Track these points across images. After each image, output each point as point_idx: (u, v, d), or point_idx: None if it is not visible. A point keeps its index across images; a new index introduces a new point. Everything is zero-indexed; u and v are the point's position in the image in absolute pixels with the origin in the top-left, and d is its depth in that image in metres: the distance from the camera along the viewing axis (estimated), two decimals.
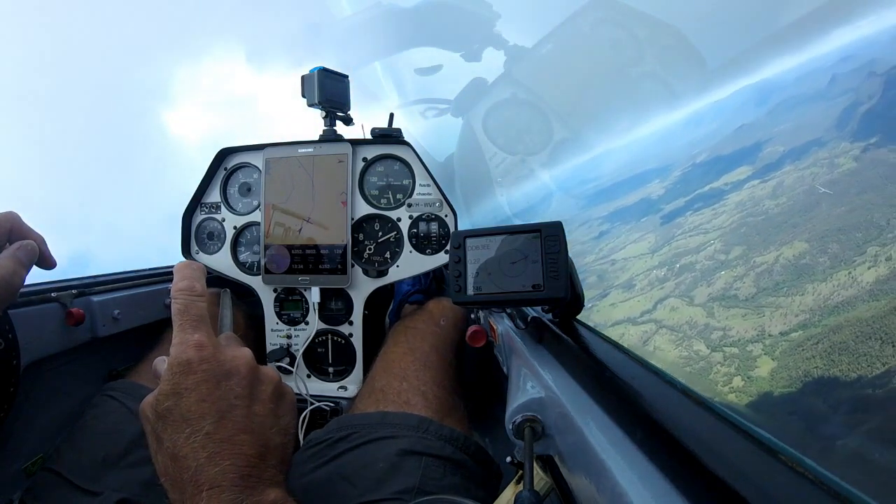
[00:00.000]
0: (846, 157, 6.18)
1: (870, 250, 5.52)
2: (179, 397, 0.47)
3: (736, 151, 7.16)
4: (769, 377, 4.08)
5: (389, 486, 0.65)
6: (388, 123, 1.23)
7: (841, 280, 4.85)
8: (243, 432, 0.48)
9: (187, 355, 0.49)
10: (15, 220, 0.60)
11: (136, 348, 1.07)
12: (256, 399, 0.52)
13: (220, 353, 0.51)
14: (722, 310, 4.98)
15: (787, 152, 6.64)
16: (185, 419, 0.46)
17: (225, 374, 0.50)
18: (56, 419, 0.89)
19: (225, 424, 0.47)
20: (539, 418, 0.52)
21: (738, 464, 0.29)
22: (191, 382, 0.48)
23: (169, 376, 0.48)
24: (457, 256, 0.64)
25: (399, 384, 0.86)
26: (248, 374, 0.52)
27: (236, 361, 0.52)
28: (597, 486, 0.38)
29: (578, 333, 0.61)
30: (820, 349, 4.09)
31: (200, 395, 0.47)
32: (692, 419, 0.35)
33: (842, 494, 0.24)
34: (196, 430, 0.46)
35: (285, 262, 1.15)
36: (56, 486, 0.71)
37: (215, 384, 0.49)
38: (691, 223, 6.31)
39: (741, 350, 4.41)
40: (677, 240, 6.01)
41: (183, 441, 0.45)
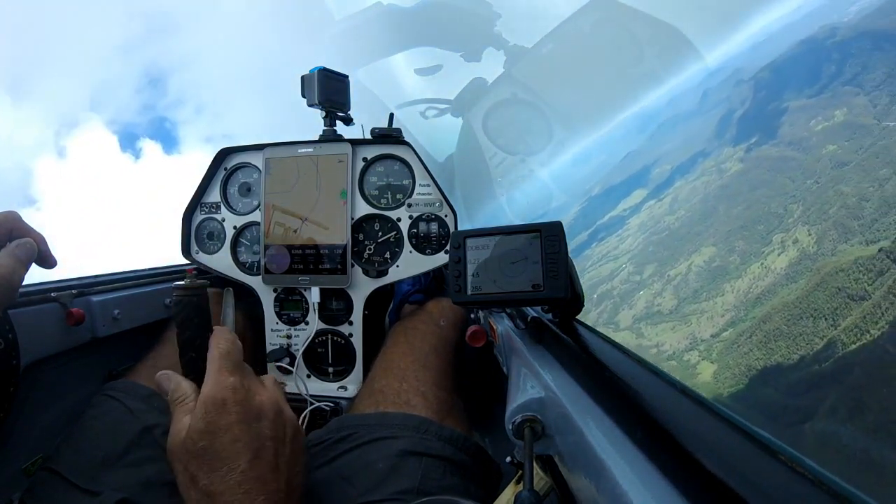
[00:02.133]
0: (732, 160, 6.36)
1: (775, 238, 5.70)
2: (214, 437, 0.50)
3: (628, 178, 7.45)
4: (713, 380, 4.10)
5: (389, 486, 0.65)
6: (388, 123, 1.23)
7: (756, 272, 4.93)
8: (273, 471, 0.52)
9: (223, 395, 0.53)
10: (15, 219, 0.60)
11: (136, 348, 1.06)
12: (282, 441, 0.56)
13: (251, 397, 0.55)
14: (650, 328, 5.05)
15: (675, 168, 6.91)
16: (220, 458, 0.49)
17: (256, 416, 0.54)
18: (56, 419, 0.89)
19: (258, 463, 0.51)
20: (539, 418, 0.52)
21: (738, 464, 0.29)
22: (224, 423, 0.51)
23: (203, 414, 0.51)
24: (457, 256, 0.64)
25: (399, 384, 0.86)
26: (275, 417, 0.56)
27: (265, 405, 0.56)
28: (597, 486, 0.38)
29: (578, 333, 0.61)
30: (755, 341, 4.13)
31: (234, 435, 0.51)
32: (692, 419, 0.35)
33: (842, 494, 0.24)
34: (232, 468, 0.49)
35: (285, 262, 1.15)
36: (56, 486, 0.71)
37: (248, 425, 0.52)
38: (599, 253, 6.44)
39: (679, 362, 4.46)
40: (588, 272, 6.12)
41: (219, 479, 0.48)
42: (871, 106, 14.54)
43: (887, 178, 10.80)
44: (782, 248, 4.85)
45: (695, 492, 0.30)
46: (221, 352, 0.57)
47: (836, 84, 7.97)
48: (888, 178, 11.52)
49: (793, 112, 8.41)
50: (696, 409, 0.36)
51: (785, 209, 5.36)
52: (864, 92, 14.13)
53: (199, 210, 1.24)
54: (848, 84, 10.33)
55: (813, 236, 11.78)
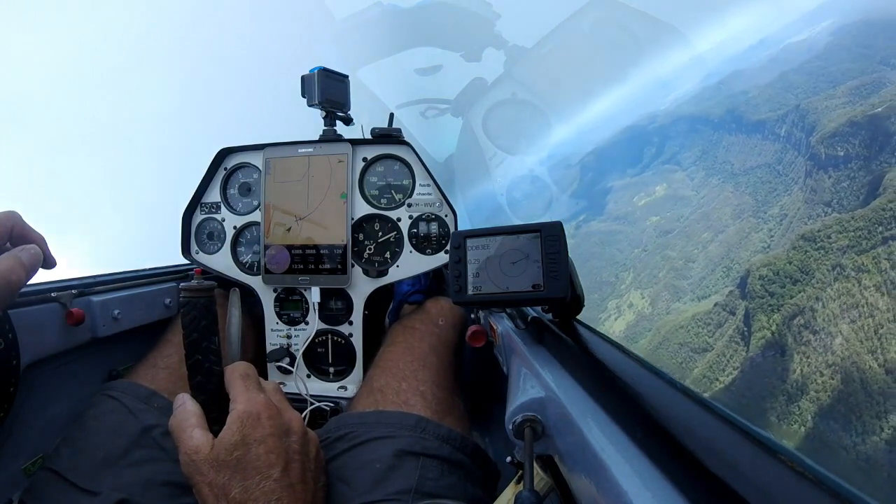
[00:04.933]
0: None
1: (610, 304, 6.15)
2: (248, 448, 0.53)
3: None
4: None
5: (387, 486, 0.65)
6: (388, 123, 1.23)
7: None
8: (302, 482, 0.55)
9: (257, 409, 0.56)
10: (16, 219, 0.60)
11: (136, 348, 1.06)
12: (307, 456, 0.59)
13: (281, 413, 0.59)
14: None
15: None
16: (254, 468, 0.52)
17: (286, 431, 0.58)
18: (56, 419, 0.89)
19: (288, 474, 0.54)
20: (539, 418, 0.52)
21: (738, 464, 0.29)
22: (259, 435, 0.54)
23: (238, 427, 0.54)
24: (457, 256, 0.64)
25: (397, 384, 0.86)
26: (301, 434, 0.60)
27: (294, 422, 0.60)
28: (597, 486, 0.38)
29: (578, 333, 0.61)
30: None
31: (268, 447, 0.54)
32: (692, 419, 0.35)
33: (842, 494, 0.24)
34: (265, 476, 0.52)
35: (285, 262, 1.15)
36: (56, 485, 0.71)
37: (279, 438, 0.55)
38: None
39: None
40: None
41: (253, 487, 0.51)
42: (689, 179, 15.65)
43: (710, 241, 11.51)
44: (619, 312, 5.08)
45: (695, 492, 0.30)
46: (242, 374, 0.60)
47: (657, 163, 8.75)
48: (710, 240, 12.11)
49: (617, 190, 9.19)
50: (697, 409, 0.36)
51: (616, 277, 5.68)
52: (681, 168, 15.26)
53: (198, 210, 1.24)
54: (667, 162, 11.35)
55: (647, 299, 12.27)
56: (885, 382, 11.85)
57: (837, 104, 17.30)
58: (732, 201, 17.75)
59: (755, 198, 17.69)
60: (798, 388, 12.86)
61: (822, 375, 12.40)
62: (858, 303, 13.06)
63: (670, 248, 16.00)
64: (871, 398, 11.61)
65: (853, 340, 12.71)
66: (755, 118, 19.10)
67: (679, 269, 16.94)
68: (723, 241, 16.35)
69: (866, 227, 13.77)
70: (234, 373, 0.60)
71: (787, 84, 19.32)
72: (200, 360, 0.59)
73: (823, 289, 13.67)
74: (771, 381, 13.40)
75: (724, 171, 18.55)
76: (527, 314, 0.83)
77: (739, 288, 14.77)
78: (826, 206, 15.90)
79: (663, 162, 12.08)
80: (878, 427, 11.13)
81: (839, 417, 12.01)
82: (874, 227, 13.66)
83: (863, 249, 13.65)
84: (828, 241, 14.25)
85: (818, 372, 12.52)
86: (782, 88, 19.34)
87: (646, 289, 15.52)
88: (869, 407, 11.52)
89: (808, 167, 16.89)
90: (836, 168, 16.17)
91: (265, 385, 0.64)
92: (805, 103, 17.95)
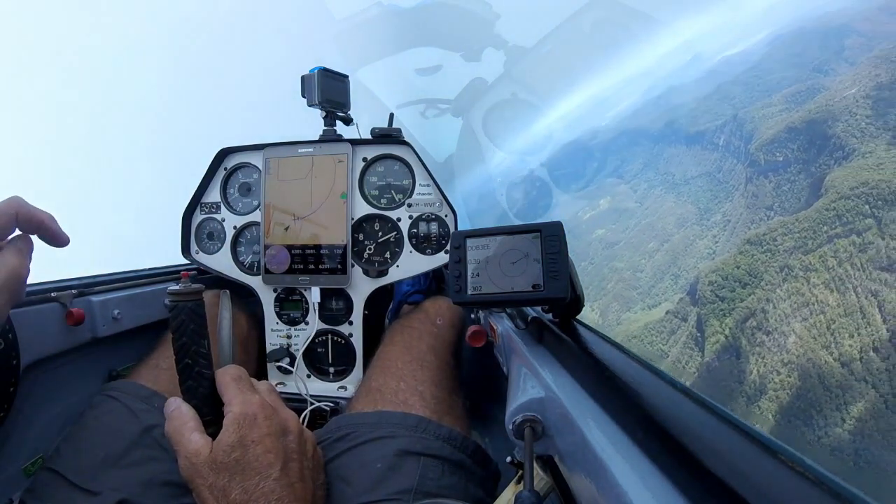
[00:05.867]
0: None
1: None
2: (246, 449, 0.53)
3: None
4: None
5: (387, 486, 0.65)
6: (388, 123, 1.23)
7: None
8: (301, 480, 0.55)
9: (253, 410, 0.56)
10: (20, 203, 0.58)
11: (136, 348, 1.06)
12: (305, 455, 0.59)
13: (277, 413, 0.59)
14: None
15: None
16: (253, 468, 0.52)
17: (282, 430, 0.57)
18: (56, 419, 0.89)
19: (287, 473, 0.54)
20: (539, 418, 0.52)
21: (738, 464, 0.29)
22: (256, 435, 0.54)
23: (235, 428, 0.54)
24: (457, 256, 0.64)
25: (396, 384, 0.86)
26: (299, 433, 0.60)
27: (290, 422, 0.60)
28: (597, 486, 0.38)
29: (578, 333, 0.61)
30: None
31: (266, 447, 0.54)
32: (692, 419, 0.35)
33: (842, 494, 0.24)
34: (265, 476, 0.52)
35: (285, 262, 1.15)
36: (56, 486, 0.71)
37: (276, 438, 0.55)
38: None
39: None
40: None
41: (253, 487, 0.51)
42: (632, 192, 16.11)
43: (656, 250, 11.81)
44: None
45: (695, 492, 0.30)
46: (234, 376, 0.60)
47: (600, 177, 8.99)
48: (657, 250, 12.41)
49: (562, 206, 9.38)
50: (697, 409, 0.36)
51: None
52: (624, 181, 15.70)
53: (198, 210, 1.24)
54: (610, 176, 11.68)
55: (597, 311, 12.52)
56: (841, 375, 12.14)
57: (774, 112, 17.97)
58: (676, 211, 18.34)
59: (697, 206, 18.29)
60: (757, 389, 13.15)
61: (780, 374, 12.63)
62: (809, 301, 13.44)
63: (617, 260, 16.49)
64: (829, 392, 11.84)
65: (807, 338, 13.08)
66: (694, 129, 19.78)
67: (627, 279, 17.54)
68: (669, 250, 16.79)
69: (811, 227, 14.21)
70: (225, 376, 0.60)
71: (725, 95, 20.08)
72: (190, 363, 0.59)
73: (773, 290, 14.13)
74: (729, 384, 13.71)
75: (666, 181, 19.15)
76: (527, 314, 0.83)
77: (689, 295, 15.14)
78: (768, 210, 16.53)
79: (606, 176, 12.59)
80: (840, 419, 11.35)
81: (800, 413, 12.22)
82: (819, 227, 14.10)
83: (809, 249, 14.11)
84: (774, 243, 14.74)
85: (775, 371, 12.74)
86: (720, 100, 20.02)
87: (595, 301, 15.99)
88: (828, 400, 11.74)
89: (748, 174, 17.50)
90: (775, 173, 16.78)
91: (259, 386, 0.64)
92: (742, 113, 18.61)
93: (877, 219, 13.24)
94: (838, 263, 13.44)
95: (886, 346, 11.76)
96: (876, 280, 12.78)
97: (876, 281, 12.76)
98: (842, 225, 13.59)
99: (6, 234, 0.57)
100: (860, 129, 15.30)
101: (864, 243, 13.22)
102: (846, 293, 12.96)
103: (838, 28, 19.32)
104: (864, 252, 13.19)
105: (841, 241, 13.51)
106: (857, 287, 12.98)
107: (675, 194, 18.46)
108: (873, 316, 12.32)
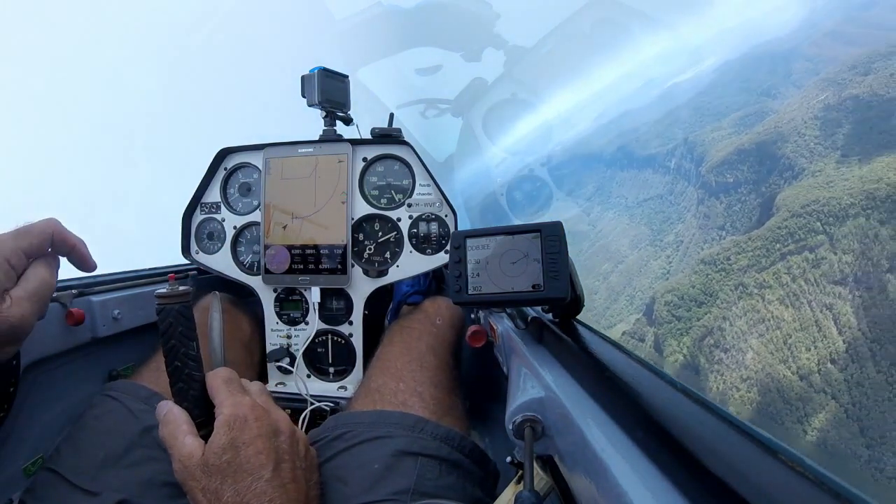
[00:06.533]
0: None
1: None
2: (237, 451, 0.53)
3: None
4: None
5: (385, 487, 0.65)
6: (388, 123, 1.23)
7: None
8: (293, 481, 0.55)
9: (244, 412, 0.56)
10: (56, 225, 0.63)
11: (136, 348, 1.06)
12: (297, 455, 0.59)
13: (268, 414, 0.59)
14: None
15: None
16: (244, 470, 0.52)
17: (274, 431, 0.58)
18: (56, 419, 0.89)
19: (279, 474, 0.54)
20: (539, 418, 0.52)
21: (738, 464, 0.29)
22: (248, 437, 0.54)
23: (226, 430, 0.54)
24: (457, 256, 0.64)
25: (395, 384, 0.86)
26: (290, 434, 0.60)
27: (281, 422, 0.60)
28: (597, 486, 0.38)
29: (578, 333, 0.61)
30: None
31: (257, 448, 0.54)
32: (692, 419, 0.35)
33: (842, 494, 0.24)
34: (257, 477, 0.52)
35: (285, 262, 1.15)
36: (56, 486, 0.71)
37: (267, 439, 0.56)
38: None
39: None
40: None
41: (245, 489, 0.51)
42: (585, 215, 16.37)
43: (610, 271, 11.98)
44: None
45: (695, 492, 0.30)
46: (224, 378, 0.60)
47: (554, 201, 9.12)
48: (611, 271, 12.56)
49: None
50: (697, 409, 0.36)
51: None
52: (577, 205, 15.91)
53: (198, 210, 1.24)
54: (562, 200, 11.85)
55: None
56: (801, 388, 12.44)
57: (724, 135, 18.46)
58: (629, 232, 18.75)
59: (651, 227, 18.69)
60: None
61: (739, 390, 12.88)
62: (765, 317, 13.74)
63: None
64: (789, 405, 12.06)
65: (764, 353, 13.42)
66: (645, 153, 20.25)
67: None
68: (623, 271, 17.05)
69: (764, 245, 14.54)
70: (216, 378, 0.60)
71: (675, 119, 20.74)
72: (180, 366, 0.59)
73: (729, 308, 14.50)
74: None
75: (618, 204, 19.62)
76: (527, 314, 0.83)
77: (646, 315, 15.38)
78: (720, 230, 16.97)
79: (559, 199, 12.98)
80: (802, 430, 11.56)
81: (762, 427, 12.36)
82: (772, 245, 14.46)
83: (763, 267, 14.43)
84: (728, 262, 15.15)
85: (734, 388, 12.99)
86: (670, 124, 20.58)
87: None
88: (789, 413, 11.97)
89: (699, 195, 17.96)
90: (726, 194, 17.20)
91: (250, 387, 0.64)
92: (693, 136, 19.12)
93: (829, 235, 13.61)
94: (792, 279, 13.81)
95: (844, 357, 12.03)
96: (830, 294, 13.14)
97: (830, 294, 13.12)
98: (794, 242, 13.99)
99: (41, 252, 0.61)
100: (809, 149, 15.79)
101: (817, 259, 13.60)
102: (801, 308, 13.33)
103: (786, 53, 20.04)
104: (818, 267, 13.58)
105: (794, 258, 13.88)
106: (811, 301, 13.35)
107: (629, 216, 19.02)
108: (829, 329, 12.63)
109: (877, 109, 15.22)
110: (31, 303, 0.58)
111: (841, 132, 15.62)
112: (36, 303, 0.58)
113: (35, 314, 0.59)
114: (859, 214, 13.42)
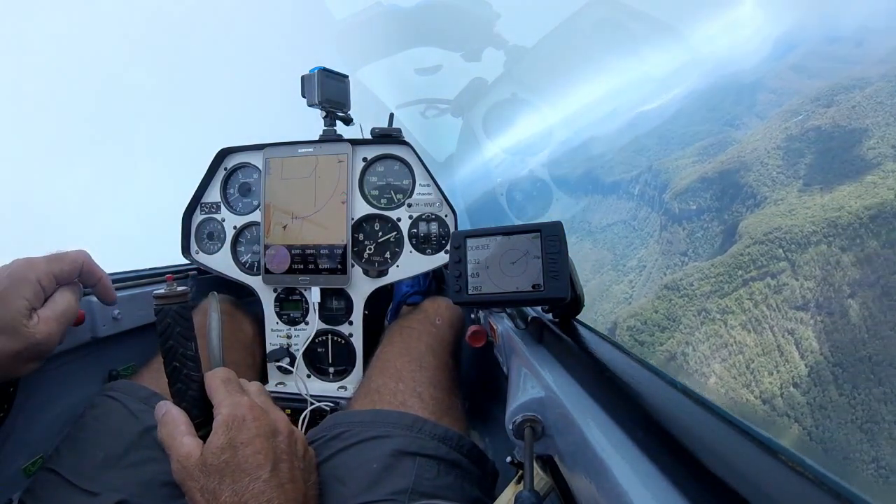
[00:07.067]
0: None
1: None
2: (235, 450, 0.53)
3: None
4: None
5: (383, 487, 0.65)
6: (388, 123, 1.23)
7: None
8: (292, 481, 0.55)
9: (242, 412, 0.56)
10: (86, 257, 0.68)
11: (136, 348, 1.06)
12: (296, 455, 0.59)
13: (266, 414, 0.59)
14: None
15: None
16: (242, 470, 0.52)
17: (272, 431, 0.58)
18: (56, 419, 0.89)
19: (277, 474, 0.54)
20: (539, 418, 0.52)
21: (738, 464, 0.29)
22: (246, 437, 0.54)
23: (224, 430, 0.54)
24: (457, 256, 0.64)
25: (395, 385, 0.86)
26: (288, 434, 0.60)
27: (279, 422, 0.60)
28: (597, 486, 0.38)
29: (578, 333, 0.61)
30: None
31: (255, 448, 0.54)
32: (692, 419, 0.35)
33: (842, 495, 0.24)
34: (255, 478, 0.52)
35: (285, 262, 1.15)
36: (55, 486, 0.71)
37: (266, 439, 0.56)
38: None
39: None
40: None
41: (243, 489, 0.51)
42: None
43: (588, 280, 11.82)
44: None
45: (695, 492, 0.30)
46: (222, 379, 0.61)
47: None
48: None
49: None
50: (697, 409, 0.36)
51: None
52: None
53: (198, 210, 1.24)
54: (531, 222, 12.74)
55: None
56: (764, 412, 12.65)
57: (688, 163, 18.76)
58: (592, 257, 19.03)
59: (613, 252, 18.96)
60: None
61: None
62: (727, 342, 14.00)
63: None
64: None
65: (727, 378, 13.66)
66: (610, 179, 20.54)
67: None
68: (586, 295, 17.18)
69: (727, 272, 14.75)
70: (214, 378, 0.61)
71: (640, 147, 20.99)
72: (178, 366, 0.59)
73: (692, 333, 14.68)
74: None
75: (582, 229, 19.96)
76: (527, 314, 0.83)
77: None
78: (682, 256, 17.26)
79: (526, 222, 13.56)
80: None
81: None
82: (734, 272, 14.65)
83: (725, 293, 14.61)
84: (691, 288, 15.38)
85: None
86: (635, 151, 20.88)
87: None
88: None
89: (662, 221, 18.26)
90: (689, 220, 17.50)
91: (248, 387, 0.64)
92: (657, 164, 19.41)
93: (790, 261, 13.92)
94: (754, 305, 14.07)
95: (806, 380, 12.21)
96: (792, 319, 13.43)
97: (792, 320, 13.40)
98: (756, 268, 14.23)
99: (70, 279, 0.66)
100: (772, 178, 16.07)
101: (778, 285, 13.96)
102: (763, 333, 13.59)
103: (751, 84, 20.47)
104: (780, 293, 13.91)
105: (756, 284, 14.15)
106: (773, 326, 13.62)
107: (592, 241, 19.34)
108: (791, 353, 12.91)
109: (838, 140, 15.66)
110: (58, 324, 0.61)
111: (803, 162, 16.17)
112: (61, 324, 0.62)
113: (58, 335, 0.62)
114: (821, 241, 13.91)
